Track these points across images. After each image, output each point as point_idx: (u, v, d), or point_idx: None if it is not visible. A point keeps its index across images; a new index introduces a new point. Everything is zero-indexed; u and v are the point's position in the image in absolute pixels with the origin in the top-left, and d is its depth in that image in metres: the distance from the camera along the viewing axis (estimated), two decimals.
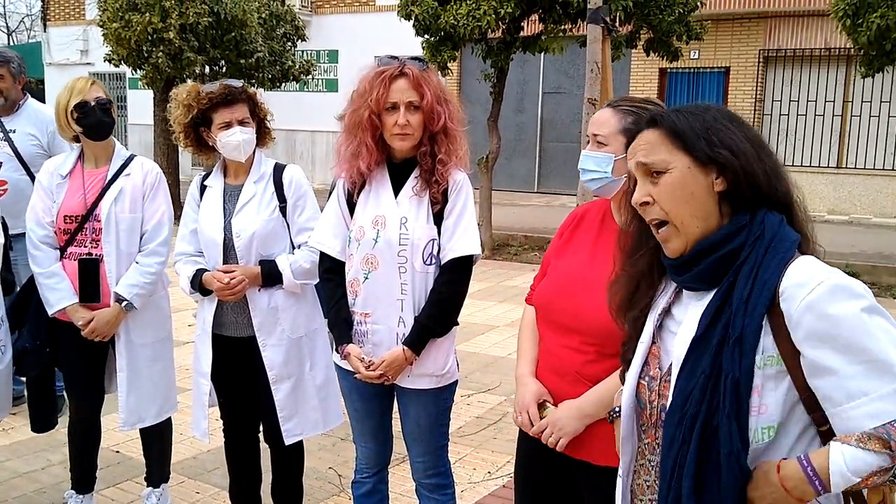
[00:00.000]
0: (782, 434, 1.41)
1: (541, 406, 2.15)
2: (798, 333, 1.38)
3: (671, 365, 1.54)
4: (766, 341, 1.40)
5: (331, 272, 2.65)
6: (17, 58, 4.57)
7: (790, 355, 1.39)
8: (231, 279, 2.85)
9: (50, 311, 3.12)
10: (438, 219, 2.54)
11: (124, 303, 3.11)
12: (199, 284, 2.93)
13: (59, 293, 3.10)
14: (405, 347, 2.50)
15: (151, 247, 3.18)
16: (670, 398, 1.50)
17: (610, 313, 1.73)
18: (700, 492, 1.41)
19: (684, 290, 1.58)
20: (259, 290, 2.93)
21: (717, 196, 1.49)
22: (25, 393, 3.60)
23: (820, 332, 1.35)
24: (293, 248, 3.00)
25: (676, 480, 1.45)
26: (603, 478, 2.04)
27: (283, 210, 2.97)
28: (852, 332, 1.34)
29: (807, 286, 1.37)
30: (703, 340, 1.45)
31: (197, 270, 2.95)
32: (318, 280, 2.87)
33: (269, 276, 2.91)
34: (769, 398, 1.40)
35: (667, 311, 1.61)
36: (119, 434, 4.13)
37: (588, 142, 2.17)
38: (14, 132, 4.45)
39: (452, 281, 2.53)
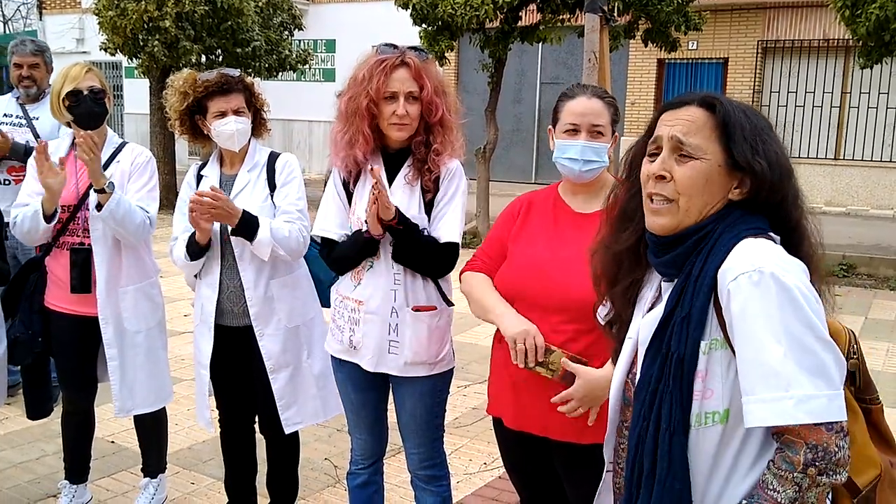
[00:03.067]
0: (735, 422, 1.40)
1: (546, 350, 2.10)
2: (725, 316, 1.37)
3: None
4: (713, 324, 1.40)
5: None
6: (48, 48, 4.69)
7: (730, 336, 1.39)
8: (206, 196, 2.70)
9: (45, 222, 3.02)
10: (430, 208, 2.52)
11: (108, 183, 2.98)
12: (193, 243, 2.85)
13: (35, 203, 3.03)
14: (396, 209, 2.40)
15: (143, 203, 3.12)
16: (637, 377, 1.50)
17: (593, 283, 1.73)
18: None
19: (663, 285, 1.57)
20: (227, 238, 2.86)
21: (728, 202, 1.46)
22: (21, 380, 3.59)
23: (737, 319, 1.35)
24: None
25: (639, 457, 1.45)
26: (573, 453, 2.15)
27: (273, 197, 2.94)
28: (758, 330, 1.32)
29: (734, 271, 1.36)
30: (665, 322, 1.45)
31: (191, 235, 2.87)
32: (292, 251, 2.84)
33: (246, 223, 2.78)
34: (714, 383, 1.39)
35: (651, 309, 1.59)
36: (114, 424, 4.13)
37: (572, 131, 2.20)
38: (37, 119, 4.50)
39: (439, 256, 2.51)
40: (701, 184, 1.44)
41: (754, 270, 1.34)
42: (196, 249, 2.86)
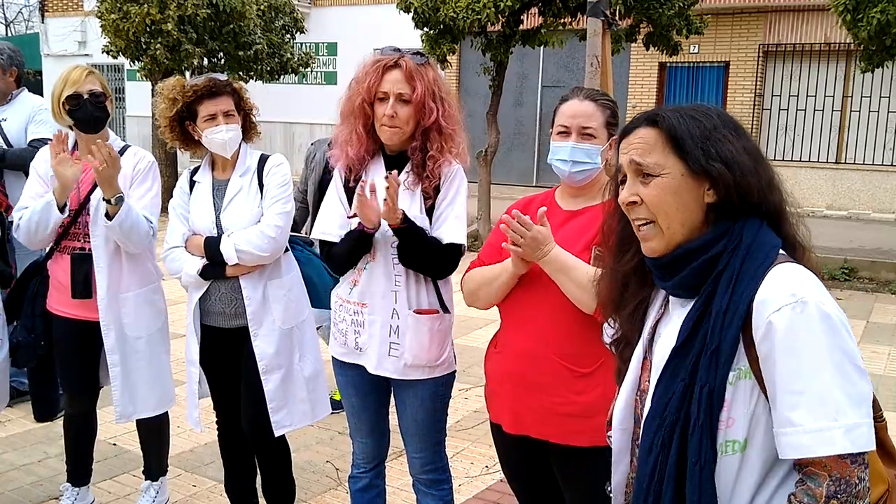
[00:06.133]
0: (752, 452, 1.39)
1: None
2: (761, 348, 1.36)
3: None
4: (740, 354, 1.38)
5: None
6: (8, 49, 4.59)
7: (759, 368, 1.37)
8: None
9: (54, 217, 3.00)
10: (431, 212, 2.53)
11: (116, 196, 2.95)
12: (209, 271, 2.90)
13: (48, 195, 3.01)
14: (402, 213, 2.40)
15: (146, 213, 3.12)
16: (649, 404, 1.48)
17: (600, 309, 1.75)
18: (681, 499, 1.40)
19: (671, 299, 1.56)
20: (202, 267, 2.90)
21: (706, 206, 1.46)
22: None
23: (776, 351, 1.33)
24: None
25: (656, 485, 1.44)
26: (571, 456, 2.17)
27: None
28: (804, 361, 1.31)
29: (774, 302, 1.34)
30: (682, 349, 1.43)
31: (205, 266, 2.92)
32: (272, 251, 2.86)
33: (212, 268, 2.88)
34: (737, 411, 1.38)
35: (656, 326, 1.58)
36: (116, 427, 4.13)
37: (563, 133, 2.23)
38: (6, 121, 4.48)
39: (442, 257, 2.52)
40: (670, 199, 1.45)
41: (797, 301, 1.33)
42: (211, 274, 2.91)
